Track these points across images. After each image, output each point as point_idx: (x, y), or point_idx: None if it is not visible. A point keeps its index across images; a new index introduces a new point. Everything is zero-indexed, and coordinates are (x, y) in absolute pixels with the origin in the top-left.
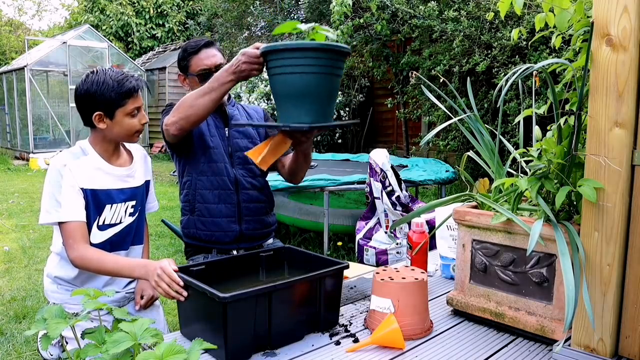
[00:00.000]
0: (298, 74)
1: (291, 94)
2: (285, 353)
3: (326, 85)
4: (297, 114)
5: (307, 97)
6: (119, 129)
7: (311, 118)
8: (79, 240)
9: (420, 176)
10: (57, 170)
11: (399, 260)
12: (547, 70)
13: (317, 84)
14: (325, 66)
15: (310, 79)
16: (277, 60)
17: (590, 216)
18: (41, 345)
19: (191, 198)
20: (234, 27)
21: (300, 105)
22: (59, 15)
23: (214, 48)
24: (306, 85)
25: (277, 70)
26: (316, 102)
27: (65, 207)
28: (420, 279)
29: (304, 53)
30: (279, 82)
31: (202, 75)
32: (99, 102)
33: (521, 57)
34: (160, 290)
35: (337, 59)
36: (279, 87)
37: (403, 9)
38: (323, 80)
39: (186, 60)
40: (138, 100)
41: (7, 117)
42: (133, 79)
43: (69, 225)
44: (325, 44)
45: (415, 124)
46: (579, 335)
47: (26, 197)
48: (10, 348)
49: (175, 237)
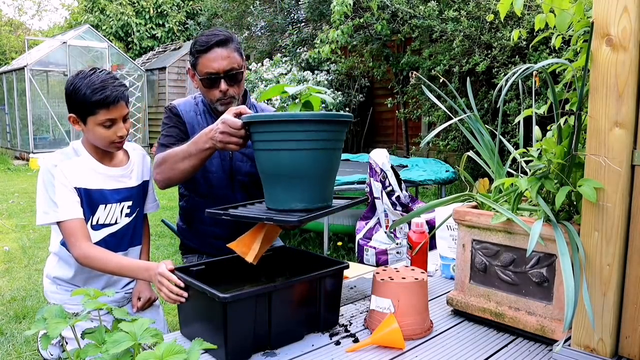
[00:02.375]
0: (287, 150)
1: (280, 175)
2: (285, 353)
3: (323, 162)
4: (286, 198)
5: (299, 178)
6: (92, 136)
7: (304, 203)
8: (80, 237)
9: (420, 176)
10: (48, 171)
11: (399, 260)
12: (547, 70)
13: (312, 163)
14: (323, 140)
15: (303, 157)
16: (262, 133)
17: (590, 216)
18: (41, 345)
19: (188, 214)
20: (234, 27)
21: (290, 188)
22: (59, 15)
23: (227, 48)
24: (298, 164)
25: (262, 145)
26: (310, 184)
27: (62, 206)
28: (420, 279)
29: (295, 126)
30: (264, 159)
31: (207, 80)
32: (73, 104)
33: (521, 57)
34: (162, 294)
35: (337, 131)
36: (265, 164)
37: (403, 8)
38: (320, 158)
39: (194, 58)
40: (113, 112)
41: (7, 117)
42: (113, 89)
43: (68, 224)
44: (322, 114)
45: (415, 124)
46: (579, 335)
47: (26, 197)
48: (10, 348)
49: (175, 237)
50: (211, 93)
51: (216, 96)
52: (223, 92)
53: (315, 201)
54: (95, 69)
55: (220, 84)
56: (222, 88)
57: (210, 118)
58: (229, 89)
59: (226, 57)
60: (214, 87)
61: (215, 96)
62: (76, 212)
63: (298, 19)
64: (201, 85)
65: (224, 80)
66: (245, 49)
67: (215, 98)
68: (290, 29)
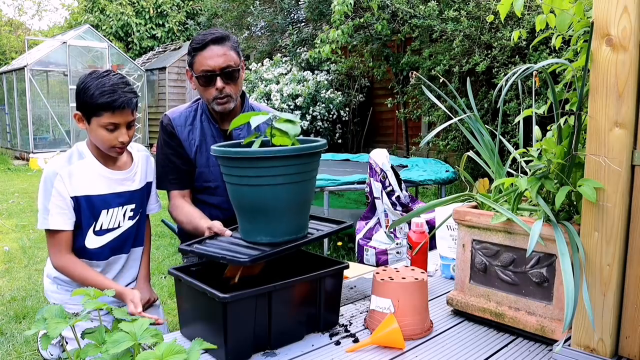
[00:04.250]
0: (247, 186)
1: (244, 208)
2: (285, 353)
3: (289, 196)
4: (252, 230)
5: (261, 212)
6: (94, 137)
7: (269, 237)
8: (63, 249)
9: (420, 176)
10: (49, 179)
11: (399, 260)
12: (547, 70)
13: (275, 198)
14: (284, 175)
15: (265, 192)
16: (224, 167)
17: (590, 216)
18: (41, 345)
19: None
20: (234, 27)
21: (254, 221)
22: (59, 15)
23: (223, 46)
24: (260, 198)
25: (226, 178)
26: (275, 218)
27: (52, 215)
28: (420, 279)
29: (249, 163)
30: (229, 190)
31: (203, 78)
32: (80, 103)
33: (521, 57)
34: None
35: (300, 164)
36: (231, 195)
37: (403, 8)
38: (282, 192)
39: (191, 56)
40: (118, 116)
41: (7, 117)
42: (122, 94)
43: (55, 235)
44: (276, 150)
45: (415, 124)
46: (579, 335)
47: (26, 197)
48: (10, 348)
49: (176, 237)
50: (207, 92)
51: (212, 94)
52: (219, 89)
53: (281, 234)
54: (109, 71)
55: (217, 82)
56: (218, 85)
57: (207, 124)
58: (225, 86)
59: (222, 54)
60: (210, 85)
61: (211, 95)
62: (64, 224)
63: (298, 19)
64: (198, 84)
65: (219, 77)
66: (245, 49)
67: (212, 97)
68: (290, 29)
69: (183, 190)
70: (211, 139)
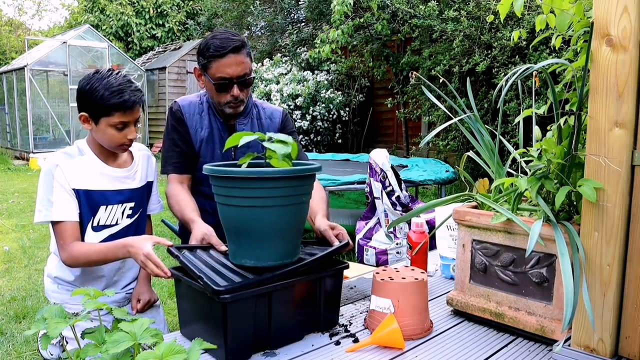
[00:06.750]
0: (233, 206)
1: (228, 228)
2: (285, 353)
3: (275, 220)
4: (237, 252)
5: (245, 235)
6: (102, 137)
7: (253, 261)
8: (69, 241)
9: (420, 176)
10: (49, 171)
11: (399, 260)
12: (547, 70)
13: (258, 221)
14: (271, 197)
15: (248, 214)
16: (213, 186)
17: (590, 216)
18: (41, 345)
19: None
20: (234, 27)
21: (239, 243)
22: (59, 15)
23: (241, 54)
24: (242, 220)
25: (216, 197)
26: (260, 242)
27: (57, 206)
28: (420, 279)
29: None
30: (219, 209)
31: (220, 85)
32: (87, 104)
33: (521, 58)
34: (147, 270)
35: (290, 187)
36: (219, 214)
37: (403, 8)
38: (268, 216)
39: (207, 60)
40: (128, 115)
41: (7, 117)
42: (131, 93)
43: (60, 225)
44: (262, 171)
45: (415, 124)
46: (579, 335)
47: (26, 197)
48: (10, 348)
49: (176, 237)
50: (222, 97)
51: (226, 99)
52: (234, 96)
53: (266, 259)
54: (111, 70)
55: (233, 89)
56: (235, 93)
57: (213, 118)
58: (240, 93)
59: (240, 62)
60: (225, 91)
61: (225, 99)
62: (70, 215)
63: (298, 18)
64: (212, 88)
65: (236, 85)
66: None
67: (225, 101)
68: (290, 29)
69: (182, 175)
70: (217, 132)
